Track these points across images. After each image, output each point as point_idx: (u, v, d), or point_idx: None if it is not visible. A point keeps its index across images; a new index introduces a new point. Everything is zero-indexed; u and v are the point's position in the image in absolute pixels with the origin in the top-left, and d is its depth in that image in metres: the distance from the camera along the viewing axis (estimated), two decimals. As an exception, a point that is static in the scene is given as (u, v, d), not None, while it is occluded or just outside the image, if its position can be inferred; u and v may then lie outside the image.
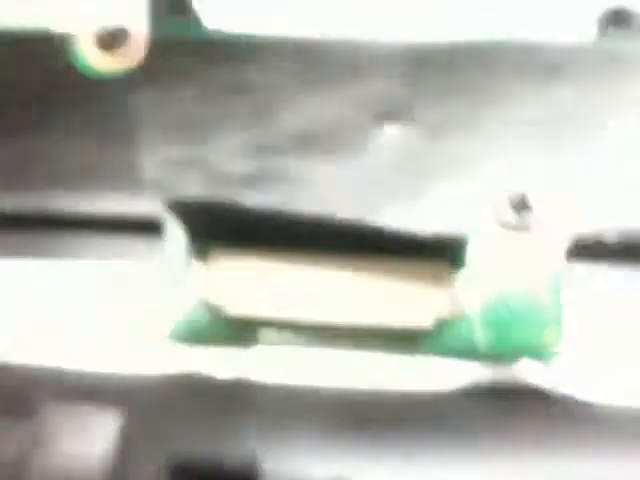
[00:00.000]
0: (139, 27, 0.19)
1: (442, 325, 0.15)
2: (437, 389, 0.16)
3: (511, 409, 0.16)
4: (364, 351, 0.16)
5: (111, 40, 0.19)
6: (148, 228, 0.16)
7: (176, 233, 0.16)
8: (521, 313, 0.15)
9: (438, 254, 0.15)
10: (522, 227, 0.16)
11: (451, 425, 0.15)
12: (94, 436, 0.15)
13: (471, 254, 0.15)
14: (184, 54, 0.18)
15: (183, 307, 0.16)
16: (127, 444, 0.15)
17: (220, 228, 0.16)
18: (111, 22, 0.19)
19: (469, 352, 0.15)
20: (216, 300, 0.15)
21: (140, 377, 0.16)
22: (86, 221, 0.17)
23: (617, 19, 0.18)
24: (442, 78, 0.16)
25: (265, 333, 0.16)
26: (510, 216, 0.16)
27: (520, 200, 0.16)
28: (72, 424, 0.15)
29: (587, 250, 0.16)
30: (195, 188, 0.16)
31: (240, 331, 0.16)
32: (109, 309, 0.17)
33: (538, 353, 0.15)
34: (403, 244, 0.15)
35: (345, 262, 0.15)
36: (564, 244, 0.16)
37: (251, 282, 0.15)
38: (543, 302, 0.15)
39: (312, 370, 0.16)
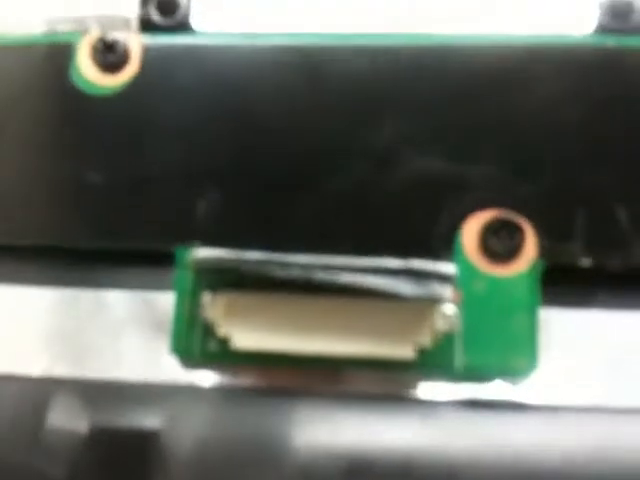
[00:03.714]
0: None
1: (424, 353, 0.17)
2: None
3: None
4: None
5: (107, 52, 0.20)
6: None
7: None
8: (496, 340, 0.17)
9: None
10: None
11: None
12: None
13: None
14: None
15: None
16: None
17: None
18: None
19: (448, 375, 0.17)
20: (224, 332, 0.17)
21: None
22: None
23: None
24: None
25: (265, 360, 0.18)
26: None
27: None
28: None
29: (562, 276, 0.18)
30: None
31: (241, 358, 0.18)
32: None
33: (511, 376, 0.17)
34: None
35: (337, 301, 0.17)
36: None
37: (257, 318, 0.17)
38: (518, 329, 0.17)
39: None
